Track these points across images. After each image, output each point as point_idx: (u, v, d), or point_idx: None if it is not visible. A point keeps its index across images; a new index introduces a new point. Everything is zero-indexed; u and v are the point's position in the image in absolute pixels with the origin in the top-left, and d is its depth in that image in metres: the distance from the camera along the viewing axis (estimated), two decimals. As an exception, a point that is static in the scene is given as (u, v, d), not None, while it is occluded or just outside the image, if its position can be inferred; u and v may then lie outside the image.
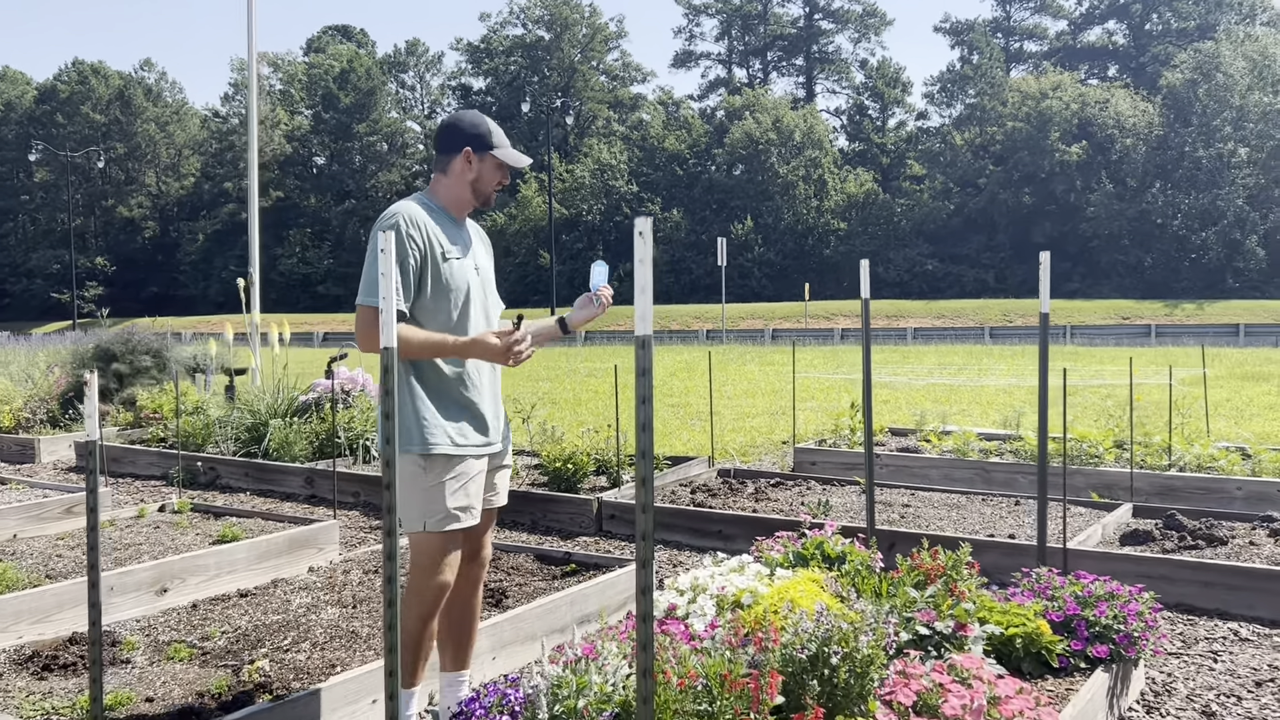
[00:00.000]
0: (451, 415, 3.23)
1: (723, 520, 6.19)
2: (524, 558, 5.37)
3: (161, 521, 6.45)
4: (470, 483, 3.26)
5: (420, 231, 3.19)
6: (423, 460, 3.18)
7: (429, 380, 3.24)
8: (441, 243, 3.23)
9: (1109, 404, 9.25)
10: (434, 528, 3.20)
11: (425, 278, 3.20)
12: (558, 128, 75.37)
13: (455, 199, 3.35)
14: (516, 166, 3.35)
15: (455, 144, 3.32)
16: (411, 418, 3.21)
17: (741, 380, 16.72)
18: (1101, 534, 5.80)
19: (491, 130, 3.35)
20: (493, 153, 3.33)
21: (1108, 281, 55.71)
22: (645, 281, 2.06)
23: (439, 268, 3.22)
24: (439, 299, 3.23)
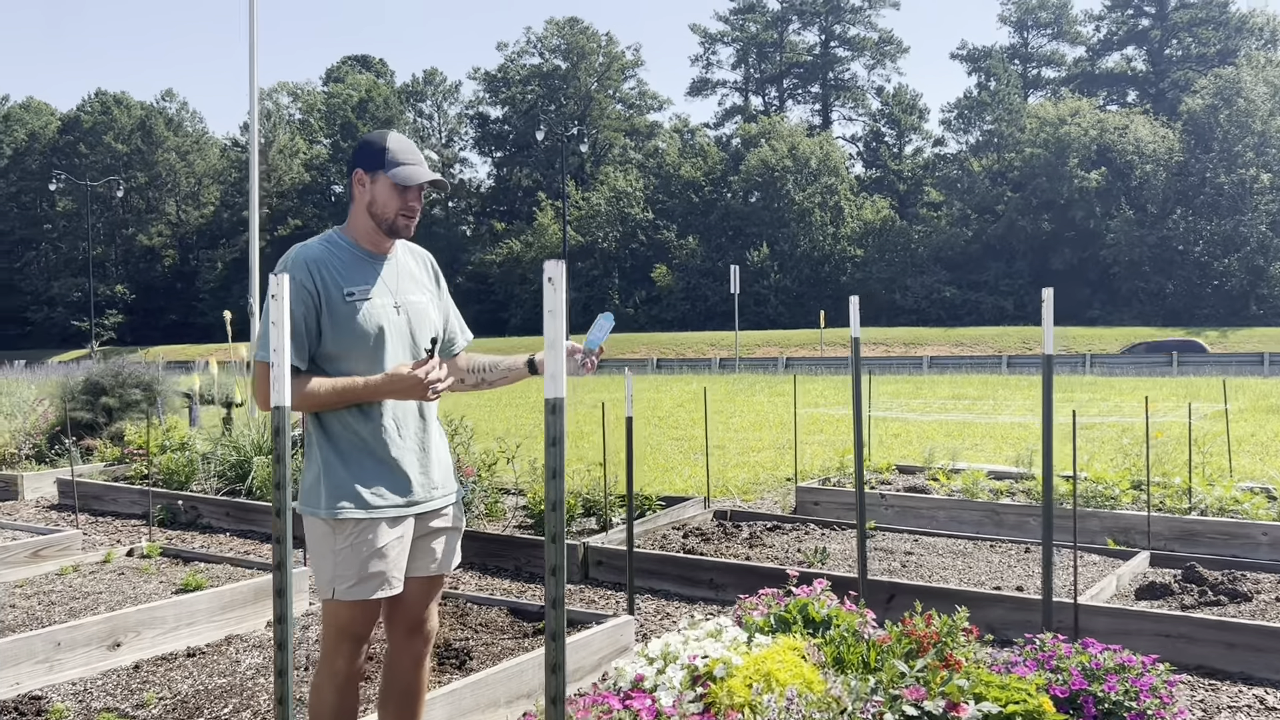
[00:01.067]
0: (364, 473, 2.91)
1: (714, 569, 5.85)
2: (496, 612, 5.05)
3: (128, 567, 6.17)
4: (387, 548, 2.92)
5: (311, 274, 2.89)
6: (332, 522, 2.88)
7: (335, 435, 2.93)
8: (339, 283, 2.91)
9: (1126, 441, 8.89)
10: (343, 595, 2.89)
11: (321, 325, 2.90)
12: (574, 155, 75.52)
13: (362, 229, 3.01)
14: (410, 185, 2.94)
15: (351, 166, 3.01)
16: (317, 476, 2.91)
17: (750, 412, 16.39)
18: (1116, 586, 5.43)
19: (389, 147, 2.96)
20: (385, 173, 2.94)
21: (1128, 309, 55.14)
22: (555, 335, 1.76)
23: (337, 312, 2.90)
24: (345, 346, 2.91)
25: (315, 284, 2.89)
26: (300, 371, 2.88)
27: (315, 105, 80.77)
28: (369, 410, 2.94)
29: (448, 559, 3.17)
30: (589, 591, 5.98)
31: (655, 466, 10.63)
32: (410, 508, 2.98)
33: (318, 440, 2.94)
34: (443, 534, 3.14)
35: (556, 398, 1.76)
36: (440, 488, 3.09)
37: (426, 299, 3.14)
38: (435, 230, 78.10)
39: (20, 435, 10.04)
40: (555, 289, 1.75)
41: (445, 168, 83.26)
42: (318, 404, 2.88)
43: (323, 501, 2.89)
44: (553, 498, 1.77)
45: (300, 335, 2.87)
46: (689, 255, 65.14)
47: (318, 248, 2.97)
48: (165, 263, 79.37)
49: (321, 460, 2.92)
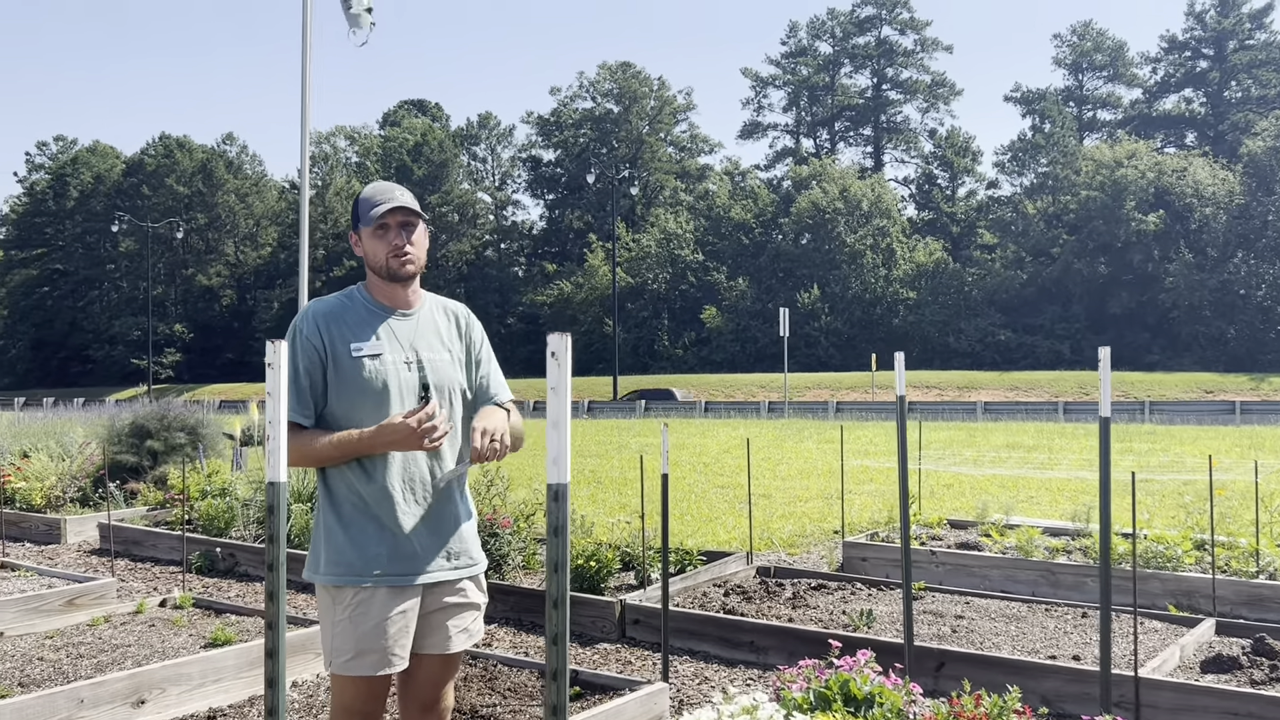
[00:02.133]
0: (365, 539, 2.78)
1: (754, 630, 5.64)
2: (527, 675, 4.88)
3: (159, 618, 6.09)
4: (387, 623, 2.77)
5: (319, 329, 2.84)
6: (331, 590, 2.76)
7: (338, 497, 2.82)
8: (347, 339, 2.84)
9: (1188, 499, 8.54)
10: (339, 670, 2.76)
11: (327, 380, 2.83)
12: (625, 198, 75.92)
13: (374, 284, 2.98)
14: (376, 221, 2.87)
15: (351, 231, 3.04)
16: (320, 541, 2.81)
17: (798, 459, 16.11)
18: (1180, 657, 5.14)
19: (365, 198, 2.93)
20: (363, 225, 2.91)
21: (1189, 354, 54.00)
22: (559, 414, 1.61)
23: (343, 366, 2.82)
24: (350, 404, 2.82)
25: (323, 339, 2.82)
26: (304, 428, 2.78)
27: (372, 149, 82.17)
28: (373, 471, 2.81)
29: (464, 637, 3.00)
30: (625, 652, 5.79)
31: (698, 516, 10.43)
32: (415, 577, 2.82)
33: (322, 502, 2.84)
34: (460, 610, 2.97)
35: (560, 484, 1.61)
36: (456, 559, 2.93)
37: (448, 356, 3.01)
38: (488, 271, 78.87)
39: (66, 478, 10.08)
40: (559, 364, 1.61)
41: (499, 210, 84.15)
42: (317, 458, 2.77)
43: (322, 568, 2.79)
44: (554, 593, 1.62)
45: (305, 391, 2.79)
46: (739, 297, 65.00)
47: (333, 302, 2.93)
48: (223, 302, 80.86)
49: (324, 524, 2.82)
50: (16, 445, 12.09)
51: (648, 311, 68.51)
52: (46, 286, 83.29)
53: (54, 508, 9.90)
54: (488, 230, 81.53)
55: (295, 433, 2.76)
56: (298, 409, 2.78)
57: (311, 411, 2.81)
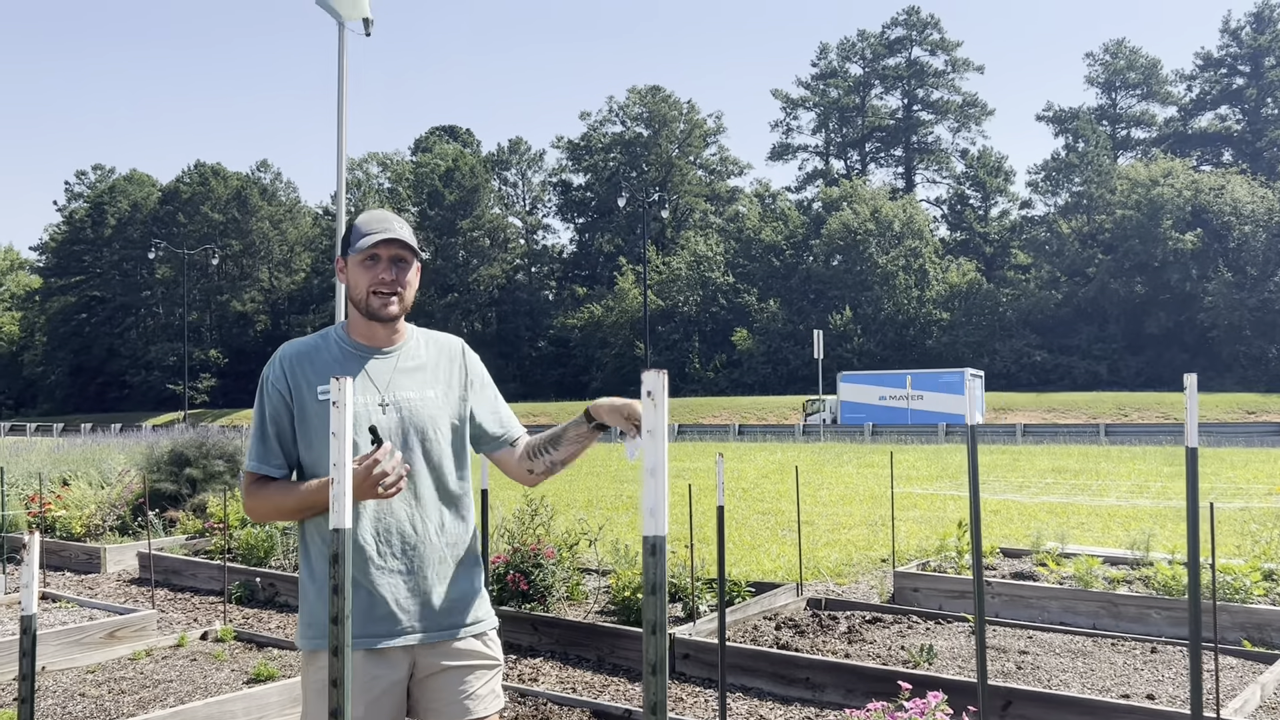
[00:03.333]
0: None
1: (810, 667, 5.45)
2: (578, 715, 4.72)
3: (201, 652, 5.98)
4: (362, 689, 2.51)
5: (285, 373, 2.62)
6: (306, 655, 2.57)
7: (312, 555, 2.60)
8: (313, 381, 2.61)
9: (1254, 527, 8.26)
10: None
11: (295, 428, 2.62)
12: (655, 221, 75.96)
13: (352, 320, 2.71)
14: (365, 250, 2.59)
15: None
16: (301, 601, 2.62)
17: (838, 484, 15.87)
18: (1261, 695, 4.91)
19: (356, 225, 2.65)
20: (351, 251, 2.62)
21: (1230, 374, 53.15)
22: (656, 461, 1.47)
23: (308, 410, 2.60)
24: (319, 452, 2.59)
25: (288, 383, 2.60)
26: (275, 480, 2.60)
27: (404, 174, 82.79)
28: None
29: (479, 701, 2.64)
30: (676, 688, 5.61)
31: (741, 544, 10.24)
32: (395, 639, 2.54)
33: (301, 560, 2.66)
34: (468, 671, 2.64)
35: (657, 536, 1.46)
36: (448, 617, 2.62)
37: (434, 395, 2.70)
38: (518, 295, 79.08)
39: (105, 506, 10.04)
40: (656, 405, 1.46)
41: (529, 234, 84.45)
42: (283, 511, 2.58)
43: (301, 630, 2.60)
44: (653, 658, 1.47)
45: (271, 439, 2.58)
46: (770, 319, 64.75)
47: (306, 343, 2.70)
48: (257, 327, 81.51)
49: (301, 582, 2.64)
50: (56, 472, 12.09)
51: (678, 334, 68.36)
52: (85, 313, 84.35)
53: (94, 536, 9.86)
54: (518, 254, 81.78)
55: (262, 486, 2.57)
56: (264, 460, 2.57)
57: (281, 461, 2.60)
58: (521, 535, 7.02)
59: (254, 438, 2.60)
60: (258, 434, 2.60)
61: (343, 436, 1.86)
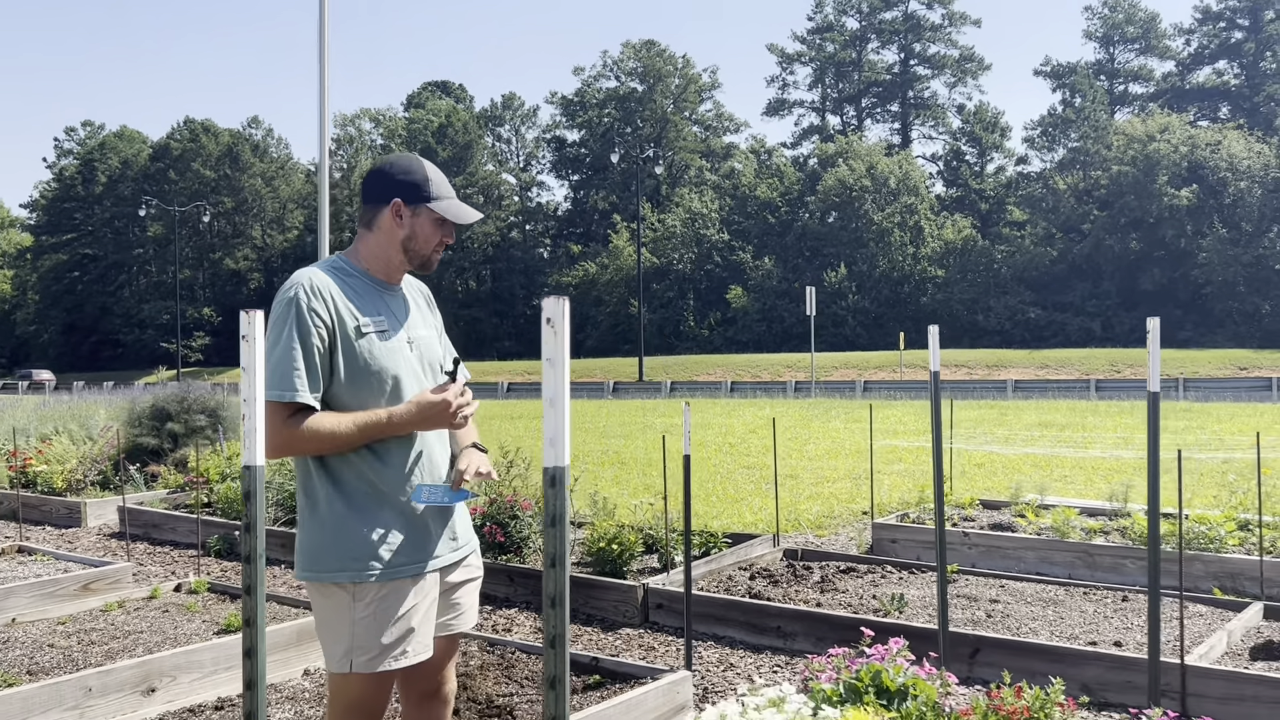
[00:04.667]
0: (384, 527, 2.59)
1: (781, 615, 5.46)
2: (546, 662, 4.72)
3: (174, 604, 5.98)
4: (413, 611, 2.62)
5: (326, 304, 2.59)
6: (351, 588, 2.57)
7: (348, 486, 2.61)
8: (355, 316, 2.62)
9: (1232, 477, 8.27)
10: (363, 668, 2.57)
11: (334, 360, 2.60)
12: (650, 178, 75.53)
13: (383, 260, 2.73)
14: (459, 223, 2.73)
15: (383, 194, 2.70)
16: (330, 537, 2.58)
17: (825, 438, 15.88)
18: (1227, 643, 4.92)
19: (430, 178, 2.71)
20: (430, 205, 2.68)
21: (1222, 330, 53.20)
22: (556, 391, 1.43)
23: (352, 347, 2.60)
24: (358, 386, 2.61)
25: (330, 313, 2.59)
26: (313, 410, 2.58)
27: (396, 130, 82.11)
28: (385, 456, 2.63)
29: (470, 614, 2.89)
30: (648, 637, 5.63)
31: (725, 497, 10.25)
32: (434, 562, 2.69)
33: (325, 494, 2.62)
34: (464, 586, 2.86)
35: (557, 467, 1.42)
36: (456, 539, 2.80)
37: (432, 335, 2.89)
38: (513, 253, 78.79)
39: (87, 461, 10.02)
40: (556, 333, 1.43)
41: (523, 191, 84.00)
42: (338, 443, 2.56)
43: (339, 564, 2.57)
44: (553, 590, 1.44)
45: (316, 369, 2.56)
46: (765, 276, 64.58)
47: (329, 273, 2.68)
48: (250, 285, 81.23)
49: (331, 515, 2.60)
50: (40, 428, 12.06)
51: (673, 292, 68.22)
52: (76, 271, 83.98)
53: (75, 491, 9.85)
54: (512, 212, 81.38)
55: (305, 418, 2.53)
56: (310, 390, 2.54)
57: (320, 393, 2.58)
58: (498, 486, 7.01)
59: (292, 364, 2.51)
60: (302, 361, 2.52)
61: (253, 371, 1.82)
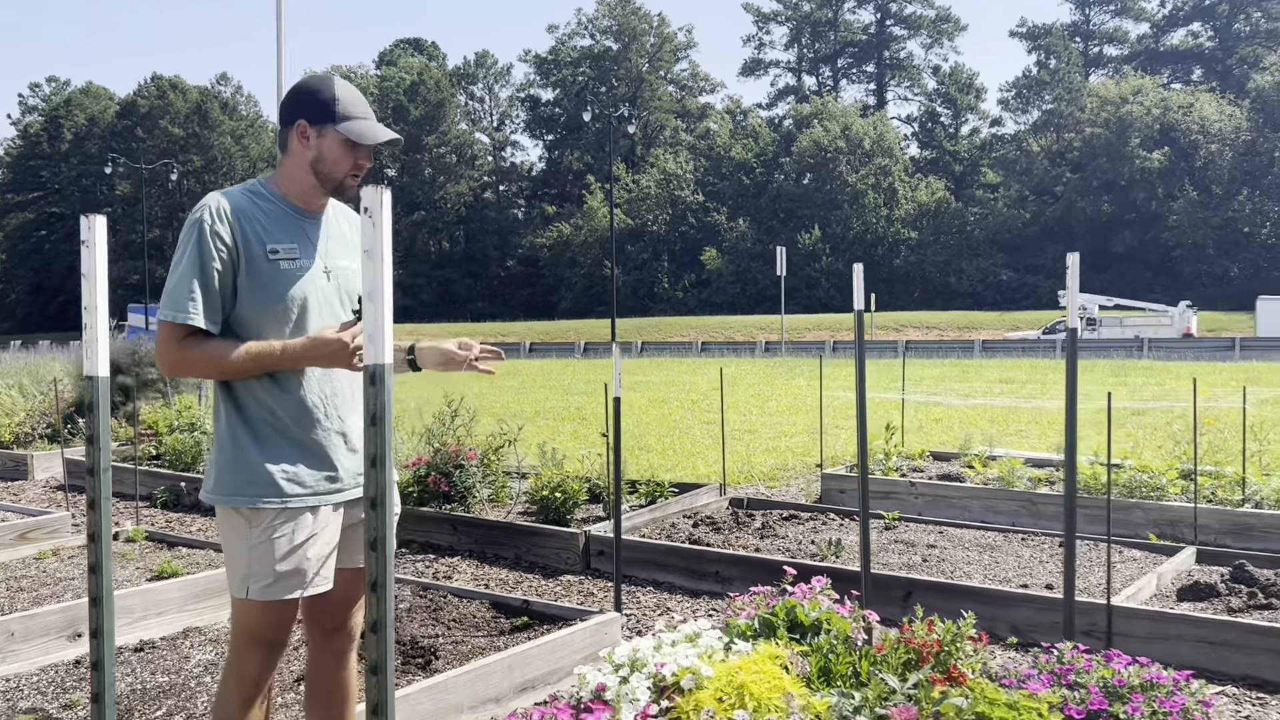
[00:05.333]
0: (284, 457, 2.55)
1: (719, 560, 5.46)
2: (476, 606, 4.70)
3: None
4: (312, 542, 2.58)
5: (230, 227, 2.51)
6: (247, 513, 2.53)
7: (250, 413, 2.56)
8: (263, 241, 2.54)
9: (1176, 428, 8.34)
10: (259, 595, 2.54)
11: (238, 285, 2.53)
12: (625, 138, 75.06)
13: (297, 185, 2.64)
14: (365, 144, 2.61)
15: (291, 115, 2.61)
16: (229, 459, 2.55)
17: (787, 395, 15.92)
18: (1156, 585, 4.96)
19: (338, 98, 2.60)
20: (336, 126, 2.58)
21: (1191, 292, 53.58)
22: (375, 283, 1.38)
23: (257, 272, 2.53)
24: (261, 311, 2.54)
25: (235, 237, 2.51)
26: (210, 335, 2.52)
27: (368, 89, 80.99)
28: (287, 385, 2.57)
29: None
30: (589, 583, 5.63)
31: (681, 451, 10.25)
32: (337, 494, 2.63)
33: (229, 418, 2.58)
34: None
35: (377, 364, 1.38)
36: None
37: (355, 266, 2.77)
38: (486, 214, 78.28)
39: (36, 414, 9.91)
40: (375, 224, 1.38)
41: (497, 150, 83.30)
42: (226, 370, 2.51)
43: (235, 488, 2.54)
44: (372, 492, 1.40)
45: (214, 293, 2.49)
46: (739, 238, 64.50)
47: (241, 197, 2.59)
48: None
49: (233, 441, 2.56)
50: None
51: (647, 253, 68.05)
52: (44, 230, 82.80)
53: (22, 444, 9.73)
54: (486, 171, 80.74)
55: (201, 340, 2.50)
56: (206, 314, 2.48)
57: (219, 317, 2.53)
58: (441, 436, 6.96)
59: (190, 287, 2.46)
60: (198, 284, 2.46)
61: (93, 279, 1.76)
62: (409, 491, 6.76)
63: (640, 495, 7.03)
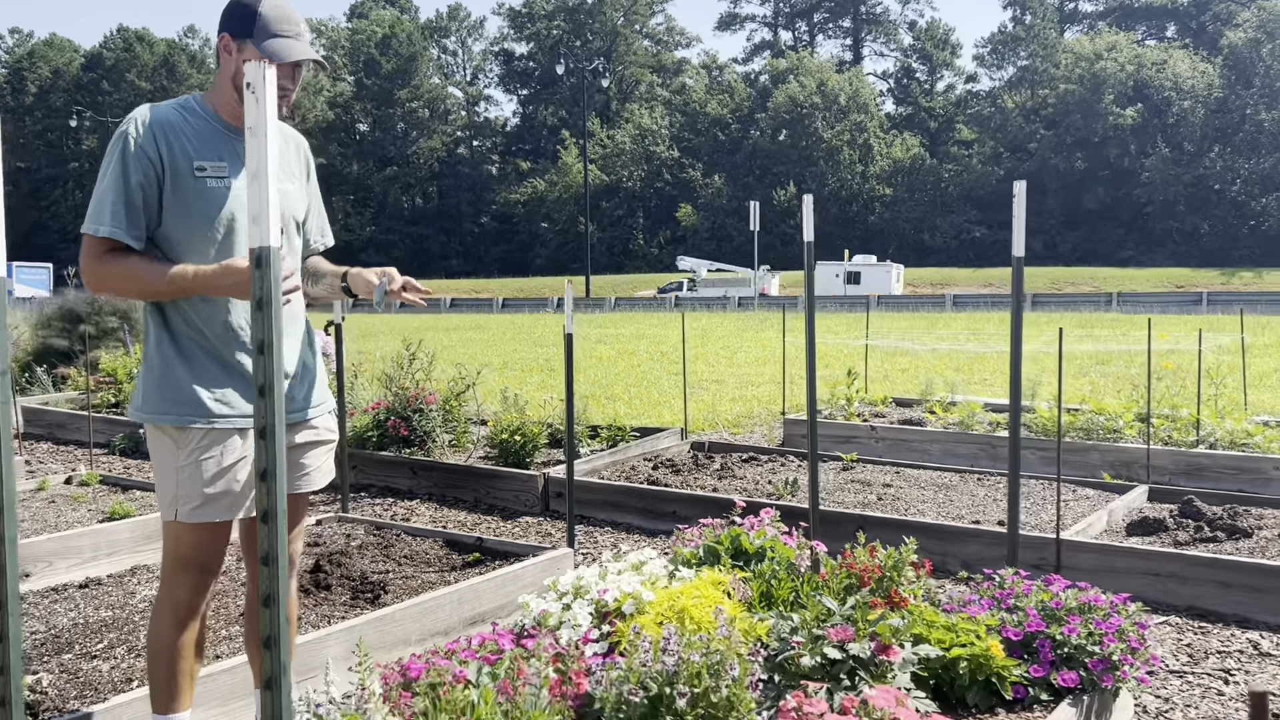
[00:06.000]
0: (212, 378, 2.50)
1: (677, 500, 5.47)
2: (431, 544, 4.69)
3: (61, 495, 5.87)
4: (241, 465, 2.55)
5: (156, 142, 2.44)
6: (172, 432, 2.49)
7: (178, 331, 2.52)
8: (190, 156, 2.47)
9: (1134, 372, 8.40)
10: (187, 518, 2.50)
11: (163, 201, 2.46)
12: (599, 93, 74.42)
13: (226, 101, 2.56)
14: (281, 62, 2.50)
15: (219, 28, 2.56)
16: (156, 378, 2.50)
17: (757, 347, 15.93)
18: (1107, 521, 5.01)
19: (260, 13, 2.51)
20: (254, 42, 2.50)
21: (1162, 249, 53.99)
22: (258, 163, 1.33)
23: (184, 188, 2.46)
24: (187, 229, 2.48)
25: (160, 151, 2.44)
26: (133, 251, 2.46)
27: (339, 42, 79.86)
28: (214, 305, 2.51)
29: (317, 477, 2.78)
30: (547, 524, 5.63)
31: (649, 400, 10.25)
32: None
33: (157, 337, 2.53)
34: (310, 448, 2.75)
35: (262, 246, 1.33)
36: (304, 399, 2.70)
37: (294, 188, 2.71)
38: (460, 169, 77.58)
39: (-7, 363, 9.77)
40: (258, 100, 1.33)
41: (470, 105, 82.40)
42: (145, 290, 2.45)
43: (162, 407, 2.49)
44: (261, 380, 1.36)
45: (137, 208, 2.42)
46: (714, 194, 64.27)
47: (170, 112, 2.51)
48: (190, 201, 79.33)
49: (161, 359, 2.51)
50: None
51: (622, 210, 67.76)
52: (10, 186, 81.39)
53: (-20, 394, 9.61)
54: (459, 126, 79.92)
55: (123, 257, 2.43)
56: (128, 229, 2.42)
57: (142, 233, 2.46)
58: (399, 379, 6.92)
59: (112, 201, 2.39)
60: (120, 198, 2.40)
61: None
62: (368, 436, 6.73)
63: (602, 440, 7.03)
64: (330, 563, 4.24)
